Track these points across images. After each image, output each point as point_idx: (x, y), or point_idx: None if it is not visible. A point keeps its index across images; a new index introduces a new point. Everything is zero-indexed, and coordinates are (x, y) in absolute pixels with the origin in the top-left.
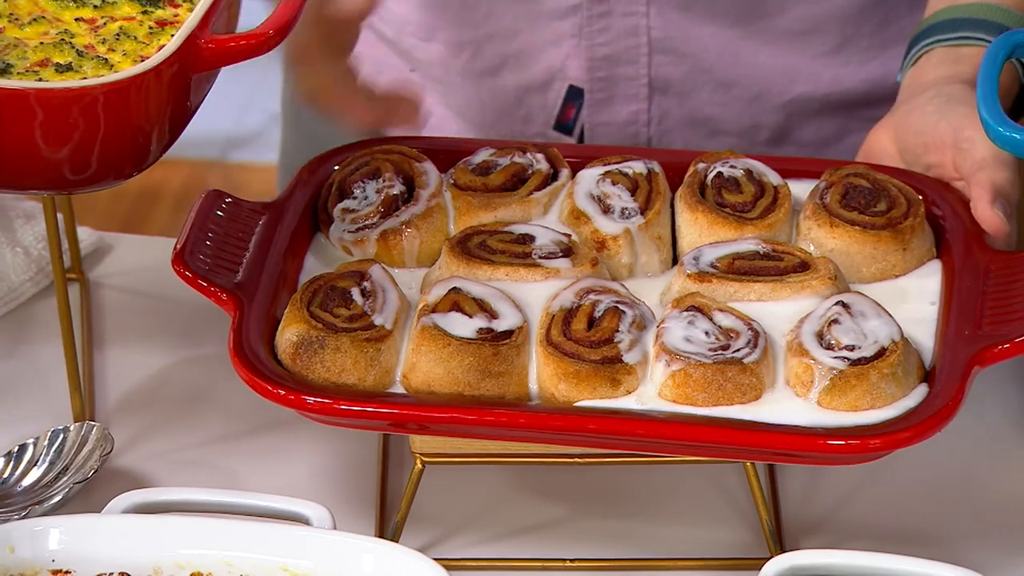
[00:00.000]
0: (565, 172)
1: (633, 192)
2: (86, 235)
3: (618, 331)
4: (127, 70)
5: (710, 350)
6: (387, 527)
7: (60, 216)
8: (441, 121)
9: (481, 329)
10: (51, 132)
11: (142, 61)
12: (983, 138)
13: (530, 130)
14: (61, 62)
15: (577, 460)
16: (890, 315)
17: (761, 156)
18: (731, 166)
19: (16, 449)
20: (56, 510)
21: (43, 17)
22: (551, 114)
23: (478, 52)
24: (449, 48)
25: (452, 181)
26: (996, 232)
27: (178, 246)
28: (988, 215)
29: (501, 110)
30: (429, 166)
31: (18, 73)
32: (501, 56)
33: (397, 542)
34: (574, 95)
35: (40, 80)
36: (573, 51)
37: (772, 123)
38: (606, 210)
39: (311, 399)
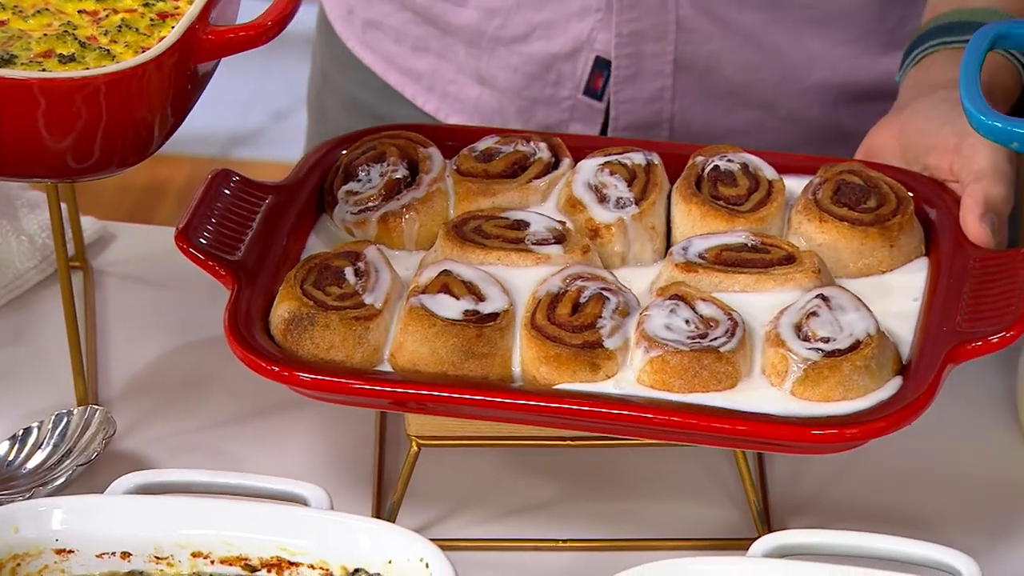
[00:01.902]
0: (567, 161)
1: (630, 183)
2: (89, 224)
3: (601, 317)
4: (128, 60)
5: (688, 338)
6: (384, 509)
7: (64, 205)
8: (462, 90)
9: (467, 311)
10: (54, 121)
11: (143, 52)
12: (986, 148)
13: (560, 94)
14: (64, 53)
15: (569, 443)
16: (868, 309)
17: (760, 151)
18: (728, 160)
19: (21, 432)
20: (59, 492)
21: (47, 9)
22: (580, 81)
23: (508, 19)
24: (481, 13)
25: (455, 167)
26: (982, 245)
27: (183, 221)
28: (976, 228)
29: (531, 75)
30: (434, 151)
31: (22, 64)
32: (530, 24)
33: (394, 523)
34: (602, 65)
35: (44, 71)
36: (600, 24)
37: (791, 107)
38: (602, 199)
39: (304, 375)
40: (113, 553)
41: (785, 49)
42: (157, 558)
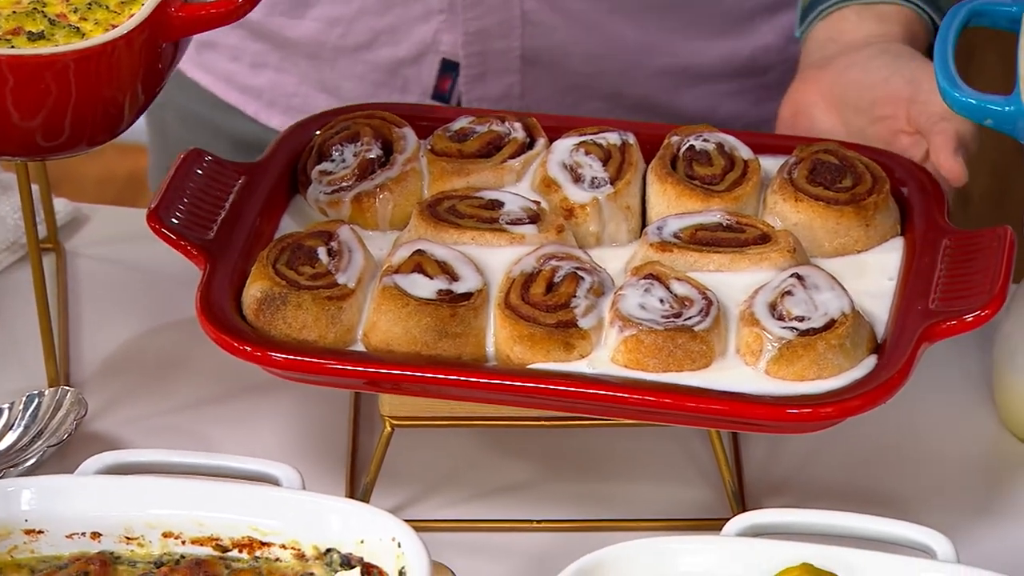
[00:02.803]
0: (541, 141)
1: (605, 162)
2: (62, 206)
3: (575, 296)
4: (97, 37)
5: (663, 317)
6: (357, 489)
7: (36, 187)
8: (306, 101)
9: (441, 290)
10: (23, 98)
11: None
12: None
13: (407, 100)
14: (33, 31)
15: (543, 423)
16: (843, 288)
17: (736, 131)
18: (704, 140)
19: None
20: (31, 473)
21: None
22: (427, 85)
23: (350, 28)
24: (321, 24)
25: (429, 147)
26: (956, 180)
27: (154, 202)
28: (951, 163)
29: (377, 82)
30: (408, 131)
31: None
32: (373, 31)
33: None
34: (449, 68)
35: (12, 48)
36: (444, 26)
37: (640, 93)
38: (577, 179)
39: (277, 355)
40: (83, 533)
41: (626, 37)
42: (128, 538)
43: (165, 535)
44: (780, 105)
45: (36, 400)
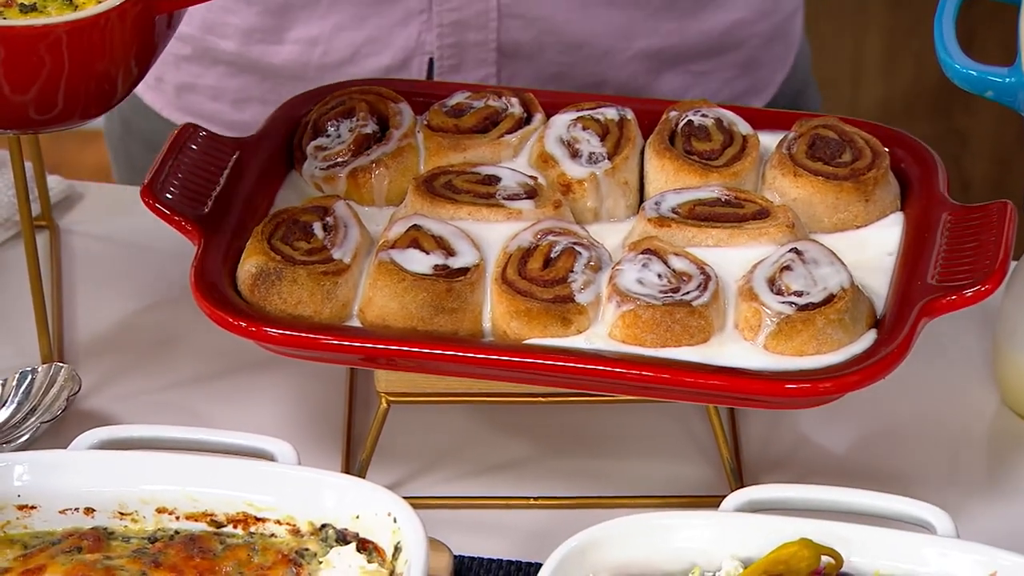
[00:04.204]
0: (539, 116)
1: (603, 138)
2: (56, 183)
3: (572, 271)
4: (90, 9)
5: (661, 292)
6: (353, 466)
7: (30, 165)
8: None
9: (437, 266)
10: (15, 71)
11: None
12: None
13: None
14: (25, 2)
15: (540, 399)
16: (842, 263)
17: (735, 107)
18: (702, 115)
19: None
20: (24, 449)
21: None
22: None
23: (330, 45)
24: (301, 46)
25: (426, 122)
26: None
27: (148, 176)
28: None
29: None
30: (404, 107)
31: None
32: (353, 45)
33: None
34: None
35: (5, 19)
36: (425, 27)
37: (619, 79)
38: (574, 154)
39: (272, 330)
40: (76, 509)
41: (605, 23)
42: (121, 514)
43: (159, 511)
44: None
45: (29, 376)
